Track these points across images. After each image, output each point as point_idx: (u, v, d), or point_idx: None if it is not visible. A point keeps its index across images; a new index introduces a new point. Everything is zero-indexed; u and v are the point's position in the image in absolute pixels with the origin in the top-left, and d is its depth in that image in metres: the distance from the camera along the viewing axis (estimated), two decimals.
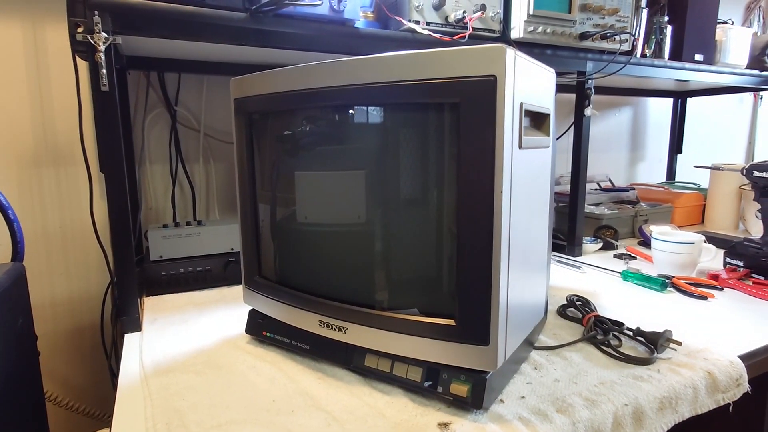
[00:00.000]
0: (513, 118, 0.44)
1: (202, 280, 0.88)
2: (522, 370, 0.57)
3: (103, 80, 0.63)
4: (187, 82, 1.04)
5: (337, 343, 0.55)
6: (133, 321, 0.69)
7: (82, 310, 1.02)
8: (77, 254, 1.00)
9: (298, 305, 0.58)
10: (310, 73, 0.52)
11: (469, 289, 0.46)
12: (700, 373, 0.56)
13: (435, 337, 0.48)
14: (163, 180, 1.06)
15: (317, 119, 0.56)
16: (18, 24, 0.89)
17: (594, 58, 1.03)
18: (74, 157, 0.97)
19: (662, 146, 1.81)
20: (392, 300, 0.52)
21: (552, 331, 0.68)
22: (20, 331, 0.61)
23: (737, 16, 1.87)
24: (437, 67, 0.44)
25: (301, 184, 0.58)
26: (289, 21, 0.74)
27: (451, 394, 0.48)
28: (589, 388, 0.53)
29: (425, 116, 0.47)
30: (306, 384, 0.54)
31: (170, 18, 0.66)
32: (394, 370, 0.52)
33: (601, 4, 0.99)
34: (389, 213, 0.52)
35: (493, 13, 0.89)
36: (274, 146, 0.61)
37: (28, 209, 0.95)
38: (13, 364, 0.57)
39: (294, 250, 0.60)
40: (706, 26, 1.23)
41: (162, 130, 1.04)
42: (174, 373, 0.57)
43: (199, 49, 0.85)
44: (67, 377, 1.02)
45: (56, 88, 0.94)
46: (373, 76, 0.47)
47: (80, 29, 0.62)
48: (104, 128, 0.65)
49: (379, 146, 0.51)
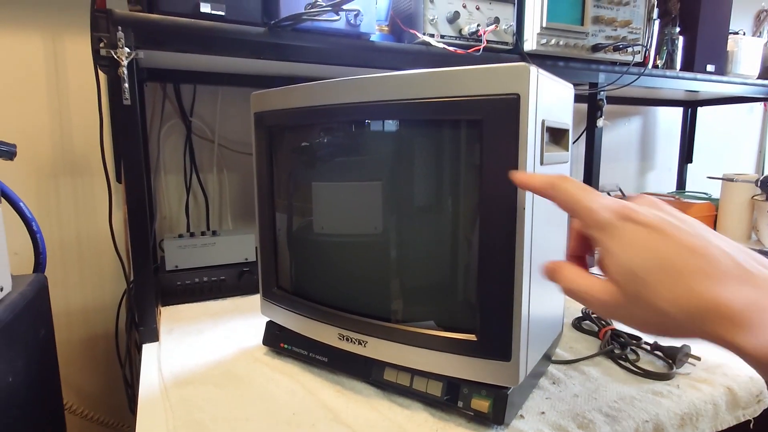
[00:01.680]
0: (536, 136, 0.44)
1: (217, 290, 0.89)
2: (541, 385, 0.57)
3: (125, 94, 0.64)
4: (202, 93, 1.06)
5: (356, 356, 0.55)
6: (151, 331, 0.70)
7: (97, 319, 1.03)
8: (92, 263, 1.01)
9: (316, 318, 0.58)
10: (331, 90, 0.53)
11: (491, 305, 0.46)
12: (720, 389, 0.56)
13: (456, 352, 0.48)
14: (178, 189, 1.07)
15: (335, 131, 0.56)
16: (38, 37, 0.91)
17: (606, 70, 1.03)
18: (90, 167, 0.98)
19: (672, 155, 1.80)
20: (411, 313, 0.53)
21: (568, 345, 0.68)
22: (42, 341, 0.61)
23: (748, 26, 1.87)
24: (460, 85, 0.44)
25: (318, 195, 0.59)
26: (307, 35, 0.75)
27: (471, 410, 0.48)
28: (608, 404, 0.52)
29: (445, 131, 0.48)
30: (325, 397, 0.54)
31: (191, 33, 0.67)
32: (414, 384, 0.52)
33: (613, 16, 1.00)
34: (406, 224, 0.52)
35: (506, 25, 0.90)
36: (292, 157, 0.61)
37: (46, 219, 0.96)
38: (35, 374, 0.58)
39: (311, 260, 0.61)
40: (717, 37, 1.24)
41: (177, 140, 1.06)
42: (193, 384, 0.58)
43: (215, 62, 0.87)
44: (81, 386, 1.03)
45: (74, 99, 0.95)
46: (396, 93, 0.48)
47: (103, 44, 0.64)
48: (126, 141, 0.66)
49: (396, 158, 0.52)
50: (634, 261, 0.31)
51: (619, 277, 0.32)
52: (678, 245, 0.29)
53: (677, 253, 0.29)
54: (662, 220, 0.31)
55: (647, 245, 0.30)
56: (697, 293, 0.28)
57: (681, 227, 0.31)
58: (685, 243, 0.29)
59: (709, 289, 0.28)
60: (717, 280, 0.28)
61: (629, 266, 0.31)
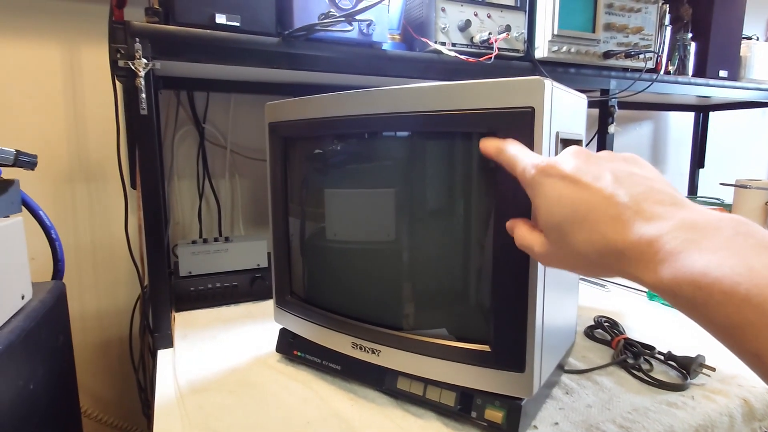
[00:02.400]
0: (550, 148, 0.44)
1: (229, 296, 0.90)
2: (554, 395, 0.56)
3: (142, 104, 0.65)
4: (215, 100, 1.07)
5: (369, 365, 0.56)
6: (166, 337, 0.71)
7: (111, 324, 1.04)
8: (106, 268, 1.03)
9: (329, 326, 0.59)
10: (344, 102, 0.54)
11: (505, 315, 0.46)
12: (735, 401, 0.55)
13: (469, 363, 0.48)
14: (190, 195, 1.09)
15: (348, 139, 0.57)
16: (57, 46, 0.93)
17: (618, 77, 1.03)
18: (106, 174, 1.00)
19: (684, 160, 1.79)
20: (424, 320, 0.53)
21: (581, 354, 0.68)
22: (61, 348, 0.62)
23: (761, 30, 1.85)
24: (474, 98, 0.45)
25: (331, 202, 0.59)
26: (320, 45, 0.75)
27: (485, 420, 0.48)
28: (622, 415, 0.52)
29: (458, 141, 0.48)
30: (339, 405, 0.55)
31: (207, 44, 0.68)
32: (427, 393, 0.52)
33: (625, 23, 0.99)
34: (419, 232, 0.52)
35: (517, 33, 0.90)
36: (305, 166, 0.62)
37: (62, 224, 0.98)
38: (54, 381, 0.59)
39: (324, 267, 0.61)
40: (730, 42, 1.23)
41: (190, 146, 1.07)
42: (209, 392, 0.58)
43: (228, 70, 0.88)
44: (95, 389, 1.04)
45: (90, 107, 0.97)
46: (409, 105, 0.48)
47: (121, 55, 0.65)
48: (142, 149, 0.67)
49: (409, 166, 0.52)
50: (553, 212, 0.34)
51: (545, 229, 0.35)
52: (592, 194, 0.32)
53: (590, 202, 0.32)
54: (580, 170, 0.34)
55: (563, 197, 0.33)
56: (607, 237, 0.30)
57: (600, 175, 0.33)
58: (598, 191, 0.32)
59: (617, 231, 0.30)
60: (623, 223, 0.30)
61: (550, 218, 0.34)
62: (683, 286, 0.26)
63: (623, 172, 0.33)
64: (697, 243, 0.27)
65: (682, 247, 0.27)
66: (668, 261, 0.27)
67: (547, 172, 0.35)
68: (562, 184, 0.34)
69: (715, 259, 0.25)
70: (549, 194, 0.34)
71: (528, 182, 0.37)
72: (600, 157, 0.35)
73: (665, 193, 0.31)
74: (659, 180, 0.33)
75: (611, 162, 0.34)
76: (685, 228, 0.28)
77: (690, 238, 0.27)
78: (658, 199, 0.31)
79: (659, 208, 0.30)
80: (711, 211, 0.29)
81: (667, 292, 0.28)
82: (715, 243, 0.26)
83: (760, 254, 0.25)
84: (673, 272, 0.27)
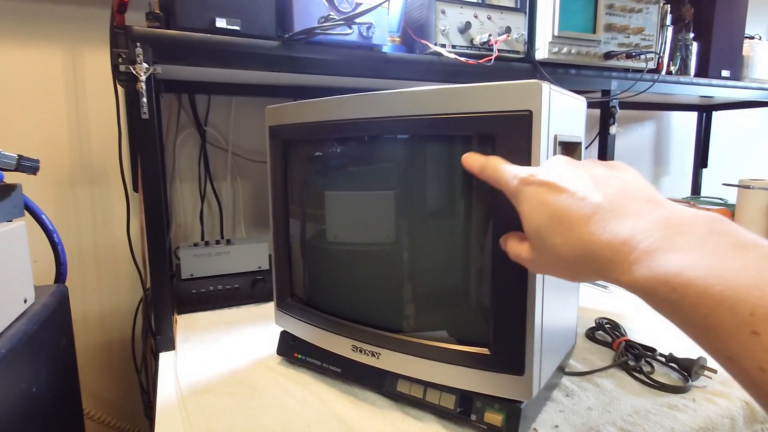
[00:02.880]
0: (548, 151, 0.44)
1: (231, 298, 0.90)
2: (554, 397, 0.56)
3: (143, 108, 0.66)
4: (217, 103, 1.08)
5: (369, 368, 0.56)
6: (168, 340, 0.71)
7: (113, 326, 1.05)
8: (109, 271, 1.04)
9: (330, 329, 0.59)
10: (344, 105, 0.54)
11: (504, 318, 0.46)
12: (737, 403, 0.55)
13: (468, 366, 0.48)
14: (192, 198, 1.09)
15: (348, 142, 0.57)
16: (58, 51, 0.93)
17: (619, 77, 1.03)
18: (108, 177, 1.00)
19: (687, 160, 1.79)
20: (424, 322, 0.53)
21: (582, 356, 0.68)
22: (64, 351, 0.63)
23: (764, 30, 1.84)
24: (473, 102, 0.45)
25: (331, 204, 0.59)
26: (320, 48, 0.76)
27: (485, 423, 0.48)
28: (623, 417, 0.52)
29: (457, 144, 0.48)
30: (339, 408, 0.55)
31: (208, 48, 0.69)
32: (427, 396, 0.52)
33: (626, 23, 0.99)
34: (419, 234, 0.52)
35: (517, 35, 0.90)
36: (306, 168, 0.62)
37: (64, 227, 0.98)
38: (57, 383, 0.59)
39: (324, 269, 0.62)
40: (732, 42, 1.22)
41: (192, 149, 1.08)
42: (210, 394, 0.58)
43: (229, 73, 0.88)
44: (97, 392, 1.05)
45: (92, 111, 0.98)
46: (409, 108, 0.49)
47: (122, 60, 0.65)
48: (144, 153, 0.67)
49: (409, 168, 0.52)
50: (534, 218, 0.34)
51: (528, 236, 0.36)
52: (568, 197, 0.32)
53: (566, 205, 0.32)
54: (559, 176, 0.34)
55: (542, 203, 0.34)
56: (582, 239, 0.30)
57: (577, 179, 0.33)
58: (573, 193, 0.32)
59: (591, 232, 0.30)
60: (597, 223, 0.30)
61: (530, 224, 0.35)
62: (657, 286, 0.26)
63: (601, 176, 0.33)
64: (671, 241, 0.26)
65: (657, 246, 0.27)
66: (642, 261, 0.27)
67: (527, 181, 0.36)
68: (541, 190, 0.34)
69: (688, 258, 0.25)
70: (529, 201, 0.35)
71: (512, 193, 0.37)
72: (580, 164, 0.36)
73: (641, 191, 0.31)
74: (638, 180, 0.33)
75: (591, 168, 0.35)
76: (660, 226, 0.27)
77: (664, 236, 0.27)
78: (633, 196, 0.31)
79: (633, 206, 0.30)
80: (687, 208, 0.29)
81: (643, 293, 0.27)
82: (690, 241, 0.26)
83: (736, 254, 0.24)
84: (647, 272, 0.27)
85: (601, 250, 0.29)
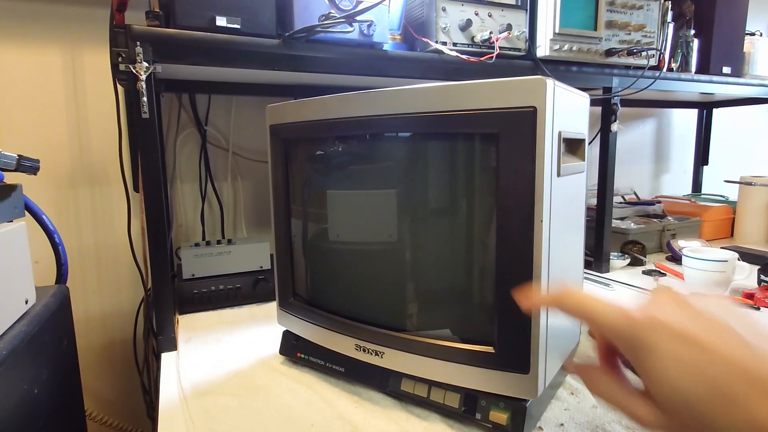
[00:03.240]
0: (552, 147, 0.44)
1: (233, 298, 0.90)
2: (559, 396, 0.56)
3: (144, 108, 0.65)
4: (217, 102, 1.07)
5: (373, 367, 0.56)
6: (170, 340, 0.71)
7: (114, 326, 1.04)
8: (110, 271, 1.03)
9: (333, 328, 0.59)
10: (345, 103, 0.54)
11: (509, 317, 0.46)
12: None
13: (473, 364, 0.48)
14: (193, 198, 1.09)
15: (350, 141, 0.57)
16: (58, 50, 0.93)
17: (620, 74, 1.03)
18: (108, 177, 1.00)
19: (687, 157, 1.78)
20: (427, 321, 0.53)
21: (586, 354, 0.67)
22: (65, 351, 0.63)
23: (765, 26, 1.84)
24: (476, 99, 0.44)
25: (333, 203, 0.59)
26: (320, 46, 0.75)
27: (490, 422, 0.48)
28: None
29: (460, 142, 0.48)
30: (343, 408, 0.55)
31: (208, 47, 0.68)
32: (431, 395, 0.52)
33: (627, 20, 0.99)
34: (421, 232, 0.52)
35: (519, 32, 0.90)
36: (307, 167, 0.62)
37: (65, 227, 0.98)
38: (59, 384, 0.59)
39: (327, 268, 0.61)
40: (733, 38, 1.22)
41: (192, 149, 1.07)
42: (212, 395, 0.58)
43: (229, 72, 0.88)
44: (99, 392, 1.04)
45: (92, 110, 0.97)
46: (411, 106, 0.48)
47: (122, 59, 0.65)
48: (145, 152, 0.67)
49: (411, 166, 0.52)
50: (682, 388, 0.27)
51: (667, 404, 0.28)
52: (724, 362, 0.26)
53: (726, 374, 0.26)
54: (696, 326, 0.28)
55: (691, 365, 0.27)
56: (756, 419, 0.25)
57: (720, 334, 0.27)
58: (730, 358, 0.26)
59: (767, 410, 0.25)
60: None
61: (677, 394, 0.27)
62: None
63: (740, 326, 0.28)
64: None
65: None
66: None
67: (655, 324, 0.28)
68: (684, 345, 0.27)
69: None
70: (668, 359, 0.27)
71: (628, 337, 0.29)
72: (697, 305, 0.30)
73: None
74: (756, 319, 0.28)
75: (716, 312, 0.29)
76: None
77: None
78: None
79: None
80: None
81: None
82: None
83: None
84: None
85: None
